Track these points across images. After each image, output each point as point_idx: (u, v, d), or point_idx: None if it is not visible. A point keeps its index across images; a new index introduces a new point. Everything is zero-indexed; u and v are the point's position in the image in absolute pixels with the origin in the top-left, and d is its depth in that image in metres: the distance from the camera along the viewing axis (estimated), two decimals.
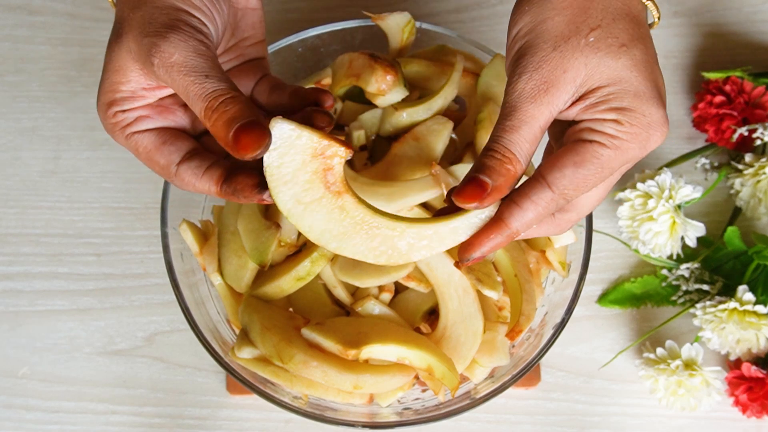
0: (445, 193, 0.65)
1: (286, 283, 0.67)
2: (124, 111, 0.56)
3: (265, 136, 0.51)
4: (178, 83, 0.52)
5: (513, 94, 0.52)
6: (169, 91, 0.57)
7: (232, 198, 0.55)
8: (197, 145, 0.58)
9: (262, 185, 0.54)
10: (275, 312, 0.67)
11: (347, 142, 0.54)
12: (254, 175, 0.54)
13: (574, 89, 0.52)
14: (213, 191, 0.56)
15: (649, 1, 0.54)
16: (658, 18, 0.56)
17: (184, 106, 0.58)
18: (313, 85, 0.77)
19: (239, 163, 0.56)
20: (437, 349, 0.66)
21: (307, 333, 0.65)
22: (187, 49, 0.52)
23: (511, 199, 0.53)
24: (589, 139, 0.52)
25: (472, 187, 0.51)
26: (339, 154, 0.53)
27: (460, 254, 0.54)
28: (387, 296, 0.71)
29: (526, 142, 0.52)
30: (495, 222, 0.53)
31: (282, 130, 0.52)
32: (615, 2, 0.52)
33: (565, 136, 0.54)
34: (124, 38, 0.54)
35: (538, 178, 0.52)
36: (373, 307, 0.69)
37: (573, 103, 0.52)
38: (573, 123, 0.53)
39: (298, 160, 0.53)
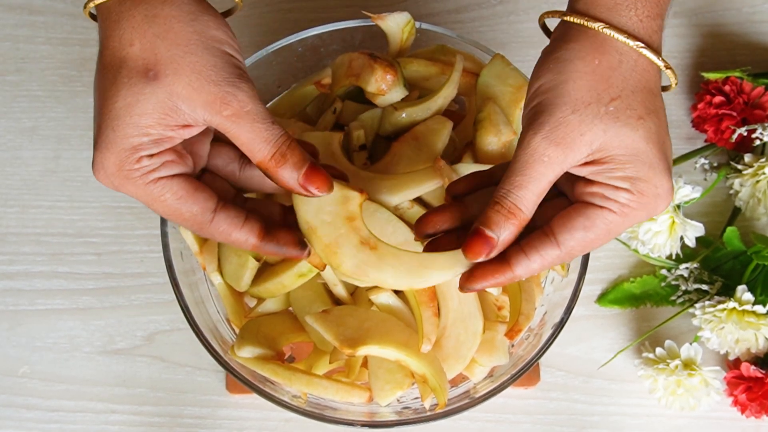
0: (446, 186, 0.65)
1: (288, 279, 0.68)
2: (151, 156, 0.53)
3: (329, 178, 0.56)
4: (245, 130, 0.53)
5: (527, 149, 0.53)
6: (196, 131, 0.55)
7: (271, 252, 0.57)
8: (219, 194, 0.57)
9: (303, 243, 0.58)
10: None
11: (359, 187, 0.59)
12: (294, 233, 0.58)
13: (589, 151, 0.53)
14: (250, 243, 0.57)
15: (668, 69, 0.55)
16: (675, 84, 0.57)
17: (189, 149, 0.57)
18: (312, 86, 0.78)
19: (273, 218, 0.59)
20: (435, 361, 0.66)
21: (311, 321, 0.65)
22: (255, 97, 0.54)
23: (521, 249, 0.55)
24: (601, 205, 0.54)
25: (480, 242, 0.54)
26: (354, 199, 0.59)
27: (463, 284, 0.57)
28: (386, 296, 0.71)
29: (534, 196, 0.54)
30: (502, 264, 0.55)
31: None
32: (634, 74, 0.53)
33: (576, 191, 0.55)
34: (163, 81, 0.52)
35: (549, 235, 0.55)
36: (387, 299, 0.69)
37: (586, 164, 0.54)
38: (583, 179, 0.55)
39: (329, 210, 0.58)
